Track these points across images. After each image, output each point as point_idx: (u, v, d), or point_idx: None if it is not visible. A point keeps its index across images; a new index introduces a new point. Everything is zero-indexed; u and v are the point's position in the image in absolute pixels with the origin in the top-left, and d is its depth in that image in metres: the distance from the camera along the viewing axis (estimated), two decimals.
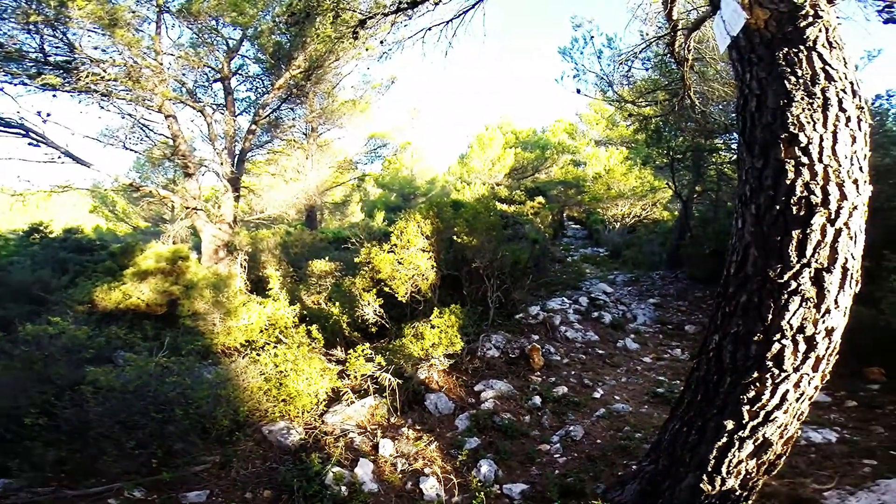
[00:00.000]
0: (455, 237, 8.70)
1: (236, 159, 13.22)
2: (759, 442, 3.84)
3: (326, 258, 10.86)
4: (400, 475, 5.59)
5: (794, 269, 3.16)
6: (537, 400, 6.84)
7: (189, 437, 5.29)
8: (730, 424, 3.73)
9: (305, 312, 8.47)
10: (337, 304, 8.17)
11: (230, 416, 5.63)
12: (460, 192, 25.13)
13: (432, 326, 7.20)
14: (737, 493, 4.06)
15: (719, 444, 3.87)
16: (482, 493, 5.17)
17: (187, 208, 11.97)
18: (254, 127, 13.52)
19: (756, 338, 3.45)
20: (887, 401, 6.79)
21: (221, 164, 12.63)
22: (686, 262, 13.91)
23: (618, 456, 5.55)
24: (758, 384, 3.58)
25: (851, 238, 3.12)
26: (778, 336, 3.37)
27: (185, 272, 9.72)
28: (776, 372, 3.48)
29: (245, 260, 8.75)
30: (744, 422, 3.73)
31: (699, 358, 4.18)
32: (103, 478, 4.79)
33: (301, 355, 6.44)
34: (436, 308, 7.56)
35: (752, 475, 4.01)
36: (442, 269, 8.88)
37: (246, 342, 7.22)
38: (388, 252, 8.35)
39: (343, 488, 5.19)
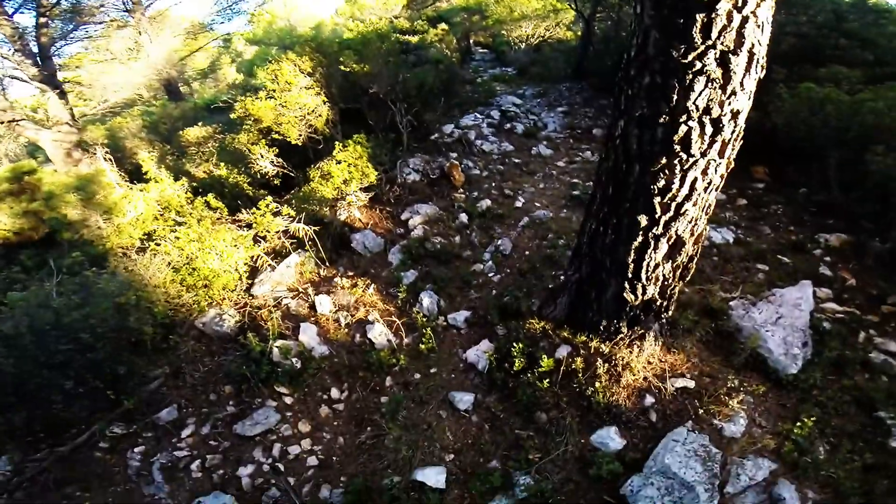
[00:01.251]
0: (343, 67, 7.45)
1: (38, 59, 11.02)
2: (672, 241, 3.65)
3: (200, 124, 9.34)
4: (346, 329, 5.24)
5: (699, 51, 2.85)
6: (464, 217, 6.52)
7: (122, 358, 4.65)
8: (643, 220, 3.55)
9: (197, 185, 7.36)
10: (227, 165, 7.06)
11: (148, 322, 4.89)
12: (353, 31, 22.28)
13: (338, 162, 6.38)
14: (658, 303, 3.98)
15: (636, 244, 3.67)
16: (429, 328, 4.96)
17: (2, 123, 9.93)
18: (43, 20, 11.05)
19: (661, 119, 3.14)
20: (771, 200, 7.05)
21: (18, 68, 10.46)
22: (591, 75, 13.31)
23: (546, 267, 5.42)
24: (666, 171, 3.33)
25: (759, 27, 2.84)
26: (684, 118, 3.08)
27: (39, 186, 8.04)
28: (684, 157, 3.24)
29: (107, 153, 7.18)
30: (656, 216, 3.52)
31: (606, 147, 3.81)
32: (81, 425, 4.36)
33: (205, 230, 5.53)
34: (338, 144, 6.66)
35: (669, 281, 3.89)
36: (338, 103, 7.77)
37: (145, 235, 6.16)
38: (268, 99, 7.07)
39: (294, 360, 4.81)
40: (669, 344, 4.32)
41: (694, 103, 3.01)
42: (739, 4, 2.72)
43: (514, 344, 4.41)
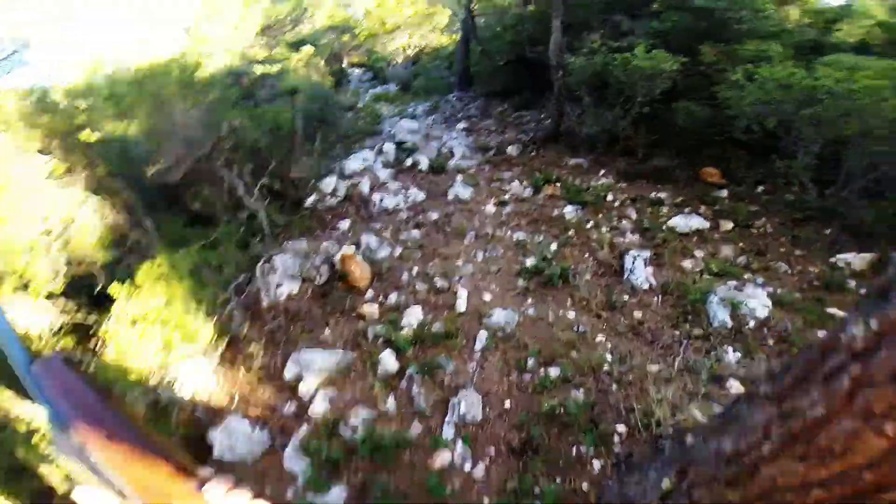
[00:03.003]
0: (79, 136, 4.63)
1: None
2: None
3: None
4: None
5: None
6: (389, 359, 3.85)
7: None
8: None
9: None
10: None
11: None
12: (199, 68, 18.49)
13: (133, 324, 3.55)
14: None
15: None
16: None
17: None
18: None
19: None
20: (749, 213, 5.57)
21: None
22: (478, 81, 11.40)
23: (551, 433, 3.04)
24: None
25: None
26: None
27: None
28: None
29: None
30: None
31: None
32: None
33: None
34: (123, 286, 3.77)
35: None
36: (120, 192, 4.95)
37: None
38: None
39: None
40: None
41: None
42: None
43: None
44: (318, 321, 4.48)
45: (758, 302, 4.03)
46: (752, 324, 3.89)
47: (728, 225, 5.48)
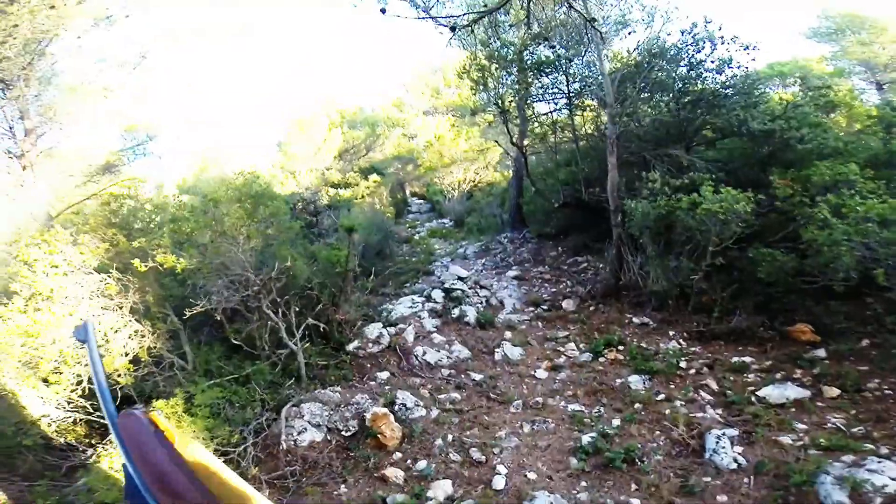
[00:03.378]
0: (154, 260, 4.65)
1: None
2: None
3: None
4: None
5: None
6: None
7: None
8: None
9: None
10: None
11: None
12: (284, 184, 20.22)
13: None
14: None
15: None
16: None
17: None
18: None
19: None
20: (856, 373, 4.66)
21: None
22: (531, 220, 11.37)
23: None
24: None
25: None
26: None
27: None
28: None
29: None
30: None
31: None
32: None
33: None
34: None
35: None
36: (159, 322, 4.85)
37: None
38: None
39: None
40: None
41: None
42: None
43: None
44: (337, 476, 3.93)
45: (887, 476, 3.35)
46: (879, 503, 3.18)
47: (833, 391, 4.55)
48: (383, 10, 4.60)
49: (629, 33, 8.61)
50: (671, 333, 6.17)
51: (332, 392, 5.30)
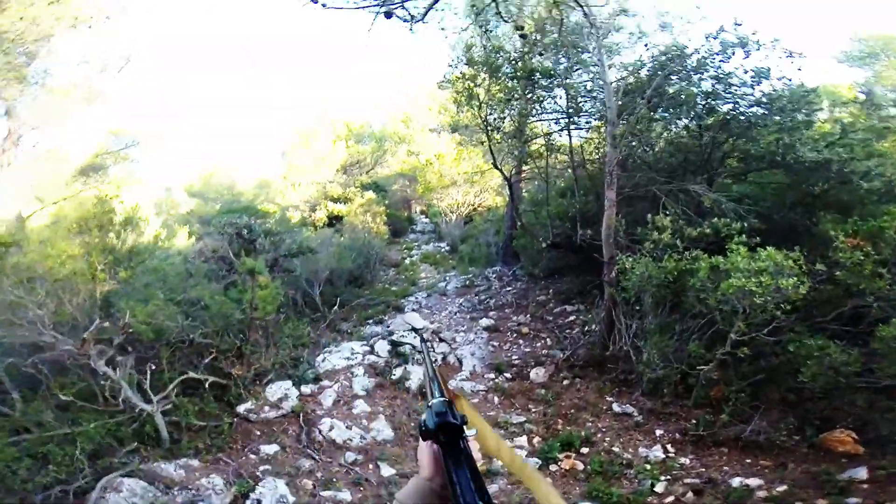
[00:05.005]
0: None
1: None
2: None
3: None
4: None
5: None
6: None
7: None
8: None
9: None
10: None
11: None
12: (285, 195, 19.21)
13: None
14: None
15: None
16: None
17: None
18: None
19: None
20: None
21: None
22: (523, 255, 9.74)
23: None
24: None
25: None
26: None
27: None
28: None
29: None
30: None
31: None
32: None
33: None
34: None
35: None
36: None
37: None
38: None
39: None
40: None
41: None
42: None
43: None
44: None
45: None
46: None
47: None
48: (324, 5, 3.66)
49: (639, 37, 7.03)
50: (658, 434, 4.43)
51: (177, 465, 4.05)
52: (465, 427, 0.78)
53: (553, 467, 4.05)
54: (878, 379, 3.72)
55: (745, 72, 5.75)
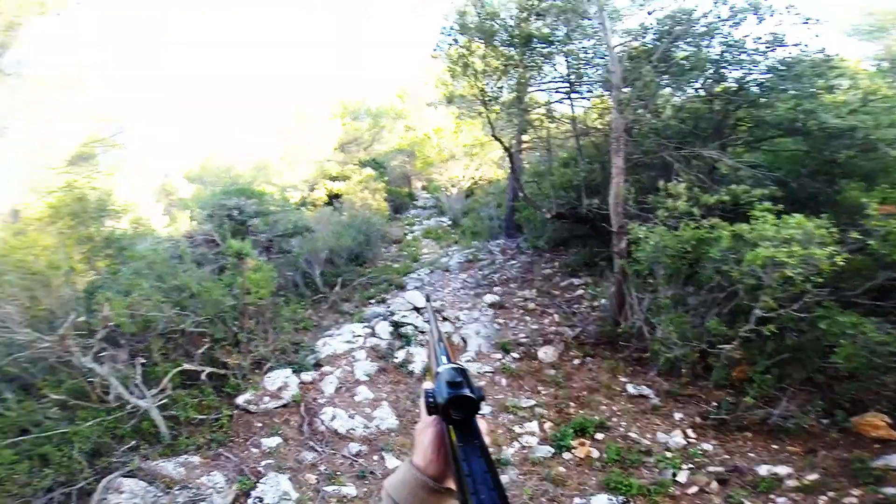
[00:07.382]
0: None
1: None
2: None
3: None
4: None
5: None
6: None
7: None
8: None
9: None
10: None
11: None
12: (283, 175, 18.68)
13: None
14: None
15: None
16: None
17: None
18: None
19: None
20: None
21: None
22: (526, 227, 9.34)
23: None
24: None
25: None
26: None
27: None
28: None
29: None
30: None
31: None
32: None
33: None
34: None
35: None
36: None
37: None
38: None
39: None
40: None
41: None
42: None
43: None
44: None
45: None
46: None
47: None
48: None
49: (642, 4, 6.41)
50: (677, 417, 4.13)
51: (177, 463, 3.81)
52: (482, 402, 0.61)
53: (567, 455, 3.77)
54: None
55: (759, 38, 5.25)
